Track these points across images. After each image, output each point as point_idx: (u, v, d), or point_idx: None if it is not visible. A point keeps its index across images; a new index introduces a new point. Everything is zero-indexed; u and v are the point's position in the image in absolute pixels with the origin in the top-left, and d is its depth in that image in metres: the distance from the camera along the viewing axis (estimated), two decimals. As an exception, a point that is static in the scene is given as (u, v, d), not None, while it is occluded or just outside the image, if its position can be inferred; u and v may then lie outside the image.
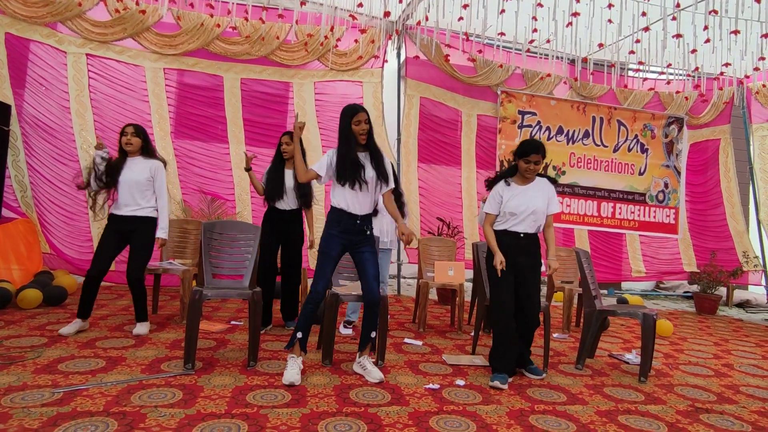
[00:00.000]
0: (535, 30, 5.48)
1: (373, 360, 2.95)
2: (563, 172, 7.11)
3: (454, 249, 4.85)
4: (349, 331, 3.84)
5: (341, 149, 2.79)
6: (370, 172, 2.81)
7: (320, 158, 2.87)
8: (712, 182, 7.77)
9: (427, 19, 5.84)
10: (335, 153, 2.82)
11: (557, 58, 6.33)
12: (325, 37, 5.83)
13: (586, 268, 3.47)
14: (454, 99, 6.72)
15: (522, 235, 2.94)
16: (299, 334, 2.76)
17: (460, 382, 2.82)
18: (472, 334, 3.73)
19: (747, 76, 7.43)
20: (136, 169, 3.37)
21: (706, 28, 5.03)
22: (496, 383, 2.75)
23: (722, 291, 7.03)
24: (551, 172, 7.03)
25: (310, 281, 5.30)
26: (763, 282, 7.24)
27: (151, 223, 3.42)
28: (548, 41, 5.95)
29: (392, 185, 2.92)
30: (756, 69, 6.62)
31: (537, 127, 7.03)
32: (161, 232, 3.45)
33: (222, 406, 2.24)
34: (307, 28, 5.89)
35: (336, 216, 2.83)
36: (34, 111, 5.21)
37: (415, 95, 6.50)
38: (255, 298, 2.91)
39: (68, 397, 2.20)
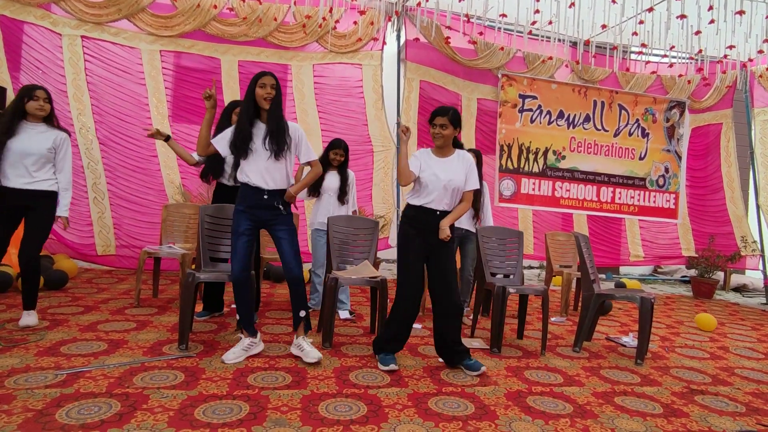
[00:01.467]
0: (537, 11, 5.40)
1: (311, 340, 2.83)
2: (563, 157, 7.08)
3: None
4: (346, 314, 3.86)
5: (239, 116, 2.67)
6: (258, 142, 2.64)
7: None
8: (713, 167, 7.75)
9: (427, 0, 5.74)
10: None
11: (559, 40, 6.24)
12: (324, 18, 5.74)
13: (585, 253, 3.49)
14: (454, 82, 6.65)
15: (438, 212, 2.71)
16: (238, 317, 2.79)
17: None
18: (471, 317, 3.76)
19: (750, 60, 7.34)
20: (37, 137, 2.97)
21: (710, 8, 4.95)
22: (392, 366, 2.62)
23: (719, 275, 7.07)
24: (551, 157, 6.99)
25: (307, 266, 5.29)
26: (761, 266, 7.28)
27: (52, 197, 3.06)
28: (550, 23, 5.86)
29: (307, 158, 2.80)
30: (760, 52, 6.54)
31: (538, 111, 6.97)
32: (64, 211, 3.09)
33: (223, 387, 2.26)
34: (305, 9, 5.78)
35: (242, 191, 2.73)
36: (30, 95, 5.16)
37: (414, 78, 6.42)
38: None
39: (71, 379, 2.23)
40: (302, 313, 2.77)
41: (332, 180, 3.87)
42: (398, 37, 6.42)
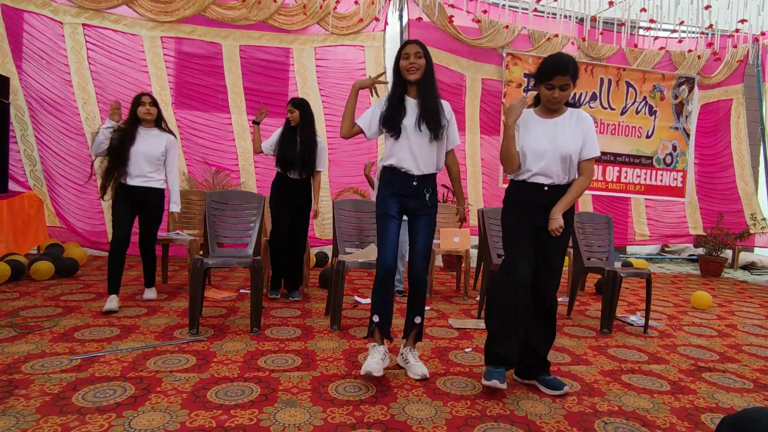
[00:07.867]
0: (542, -13, 5.28)
1: (418, 353, 2.48)
2: (570, 137, 7.00)
3: (460, 216, 4.85)
4: (365, 301, 3.87)
5: (391, 91, 2.33)
6: (411, 120, 2.28)
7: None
8: (723, 144, 7.63)
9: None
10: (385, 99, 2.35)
11: (565, 17, 6.12)
12: (324, -1, 5.65)
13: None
14: (458, 63, 6.56)
15: (546, 187, 2.16)
16: (375, 318, 2.30)
17: (468, 349, 2.87)
18: (478, 299, 3.78)
19: (763, 33, 7.16)
20: (152, 141, 3.35)
21: (721, -19, 4.82)
22: (495, 382, 2.06)
23: (728, 254, 7.03)
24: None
25: (314, 250, 5.31)
26: (770, 244, 7.23)
27: (162, 194, 3.49)
28: (556, -1, 5.74)
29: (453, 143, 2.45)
30: (772, 24, 6.38)
31: (543, 90, 6.86)
32: (174, 206, 3.52)
33: (234, 370, 2.30)
34: (305, -10, 5.70)
35: (388, 176, 2.37)
36: (37, 85, 5.17)
37: (418, 59, 6.33)
38: (255, 266, 2.93)
39: (86, 364, 2.27)
40: (417, 320, 2.37)
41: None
42: (400, 17, 6.32)
